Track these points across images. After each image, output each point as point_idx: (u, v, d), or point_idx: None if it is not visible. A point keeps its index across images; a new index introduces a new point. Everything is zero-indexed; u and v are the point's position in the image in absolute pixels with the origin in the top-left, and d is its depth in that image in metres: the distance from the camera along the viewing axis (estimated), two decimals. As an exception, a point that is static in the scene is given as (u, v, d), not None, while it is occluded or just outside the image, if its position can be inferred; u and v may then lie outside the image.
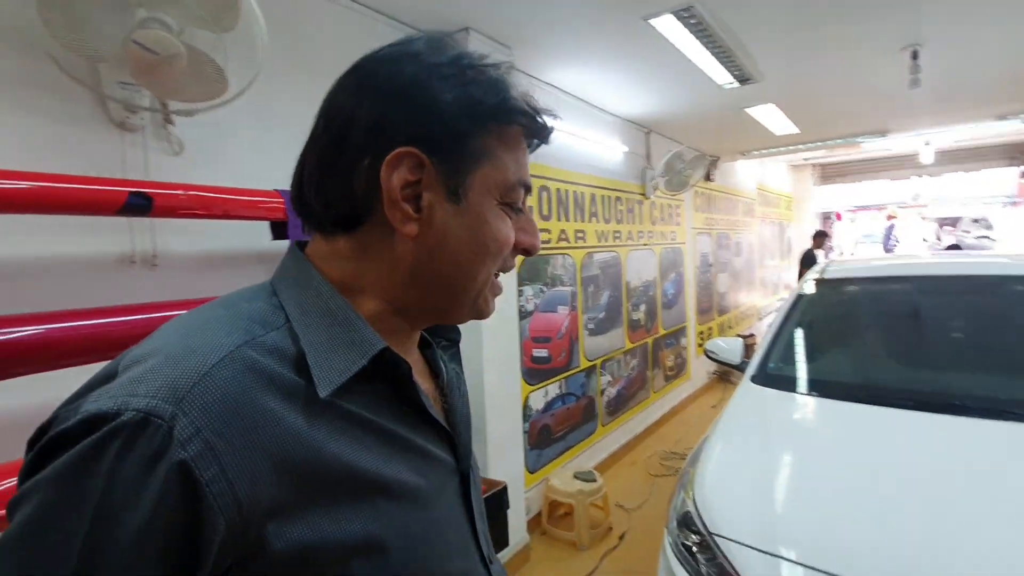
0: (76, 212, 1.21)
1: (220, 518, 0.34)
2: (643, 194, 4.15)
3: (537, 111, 0.49)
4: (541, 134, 0.51)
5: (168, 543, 0.33)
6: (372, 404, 0.45)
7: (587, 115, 3.37)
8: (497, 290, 0.53)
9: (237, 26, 1.25)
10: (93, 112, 1.36)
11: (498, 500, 2.18)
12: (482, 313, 0.52)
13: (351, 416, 0.43)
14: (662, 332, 4.45)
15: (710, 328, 5.48)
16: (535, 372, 2.91)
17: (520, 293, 2.76)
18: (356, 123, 0.44)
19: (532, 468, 2.86)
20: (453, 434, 0.53)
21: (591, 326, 3.45)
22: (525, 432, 2.80)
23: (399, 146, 0.43)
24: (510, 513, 2.29)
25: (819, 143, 5.07)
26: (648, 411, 4.21)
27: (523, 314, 2.80)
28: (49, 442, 0.34)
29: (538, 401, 2.93)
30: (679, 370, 4.82)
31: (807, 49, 2.66)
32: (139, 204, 1.25)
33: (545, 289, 2.99)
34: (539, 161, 2.94)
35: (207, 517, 0.33)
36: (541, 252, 2.89)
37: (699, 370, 5.19)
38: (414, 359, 0.55)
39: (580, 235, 3.32)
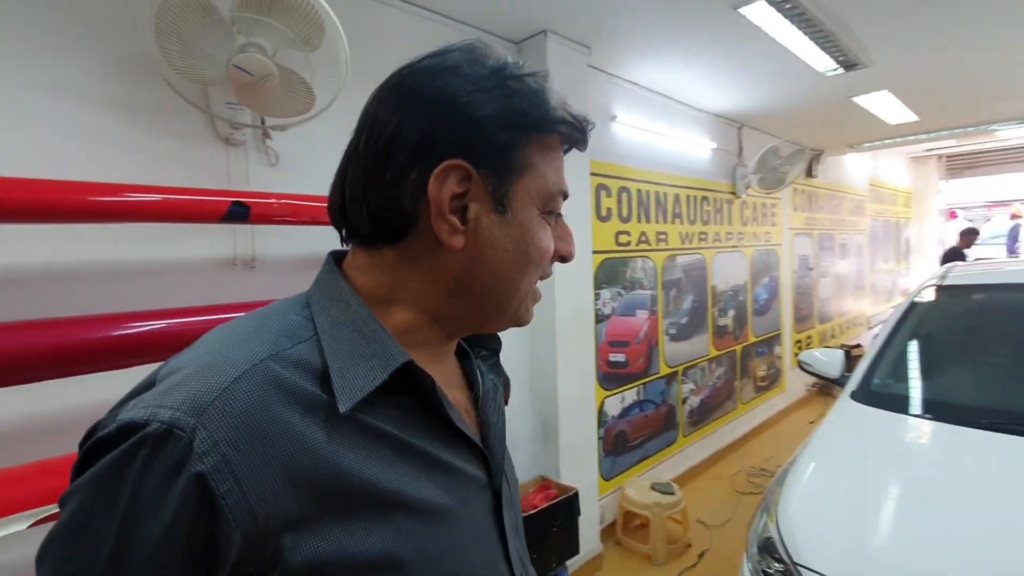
0: (189, 220, 1.36)
1: (236, 530, 0.35)
2: (733, 193, 3.92)
3: (576, 119, 0.49)
4: (579, 141, 0.51)
5: (187, 552, 0.34)
6: (397, 418, 0.44)
7: (671, 112, 3.23)
8: (537, 297, 0.53)
9: (323, 44, 1.33)
10: (204, 130, 1.52)
11: (568, 506, 2.15)
12: (522, 321, 0.52)
13: (373, 431, 0.43)
14: (752, 340, 4.17)
15: (809, 337, 5.06)
16: (611, 377, 2.84)
17: (597, 296, 2.71)
18: (402, 137, 0.44)
19: (607, 475, 2.80)
20: (485, 449, 0.52)
21: (672, 331, 3.31)
22: (600, 438, 2.75)
23: (446, 159, 0.44)
24: (581, 520, 2.26)
25: (944, 132, 4.50)
26: (735, 423, 3.97)
27: (600, 317, 2.75)
28: (92, 446, 0.37)
29: (614, 407, 2.86)
30: (772, 381, 4.49)
31: (928, 29, 2.36)
32: (238, 212, 1.38)
33: (623, 292, 2.91)
34: (619, 162, 2.87)
35: (223, 529, 0.34)
36: (620, 255, 2.82)
37: (796, 382, 4.80)
38: (449, 369, 0.55)
39: (662, 237, 3.20)
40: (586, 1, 2.00)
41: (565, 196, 0.51)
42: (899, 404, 1.79)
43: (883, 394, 1.87)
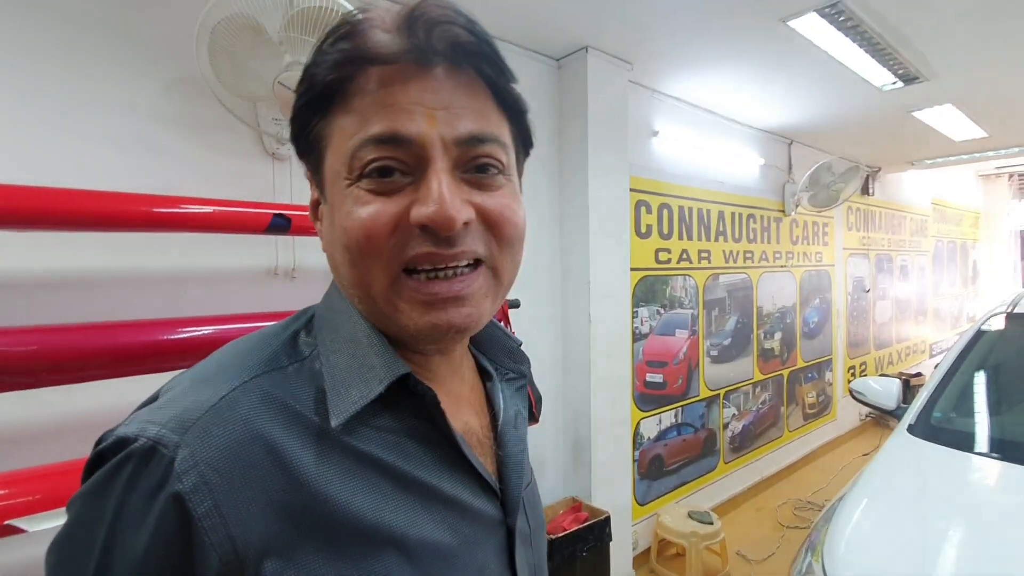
0: (235, 231, 1.41)
1: (213, 553, 0.33)
2: (782, 211, 3.78)
3: (362, 28, 0.38)
4: (377, 49, 0.37)
5: (165, 572, 0.33)
6: (398, 445, 0.41)
7: (716, 127, 3.16)
8: (416, 295, 0.39)
9: (365, 62, 1.37)
10: (252, 146, 1.59)
11: (600, 531, 2.09)
12: (406, 328, 0.40)
13: (368, 458, 0.39)
14: (801, 364, 3.98)
15: (863, 363, 4.78)
16: (648, 398, 2.76)
17: (635, 314, 2.65)
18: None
19: (641, 500, 2.71)
20: (501, 482, 0.47)
21: (714, 353, 3.19)
22: (635, 460, 2.66)
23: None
24: (613, 545, 2.18)
25: (1015, 148, 4.21)
26: (781, 452, 3.77)
27: (637, 336, 2.68)
28: (94, 457, 0.36)
29: (650, 429, 2.77)
30: (822, 409, 4.26)
31: (995, 39, 2.22)
32: (280, 224, 1.42)
33: (662, 311, 2.84)
34: (659, 178, 2.81)
35: (200, 552, 0.33)
36: (659, 272, 2.75)
37: (848, 410, 4.54)
38: (462, 390, 0.50)
39: (704, 255, 3.10)
40: (628, 17, 1.99)
41: (389, 139, 0.37)
42: (962, 441, 1.65)
43: (944, 429, 1.73)
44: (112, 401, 1.30)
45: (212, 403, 0.36)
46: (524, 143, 0.47)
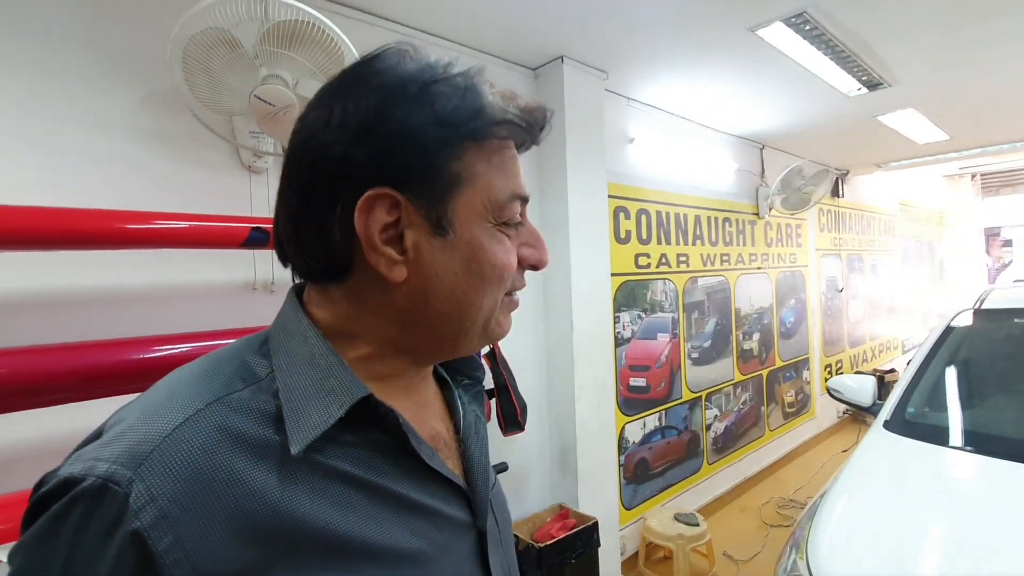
0: (212, 246, 1.39)
1: None
2: (756, 214, 3.86)
3: (521, 114, 0.44)
4: (529, 137, 0.46)
5: None
6: (364, 458, 0.41)
7: (690, 133, 3.22)
8: (512, 306, 0.49)
9: (342, 75, 1.37)
10: (229, 159, 1.57)
11: (587, 537, 2.09)
12: (494, 337, 0.48)
13: (335, 473, 0.39)
14: (779, 364, 4.05)
15: (839, 361, 4.89)
16: (632, 402, 2.78)
17: (616, 319, 2.68)
18: (321, 168, 0.41)
19: (628, 504, 2.72)
20: (468, 486, 0.48)
21: (695, 355, 3.24)
22: (620, 465, 2.68)
23: (369, 187, 0.40)
24: (601, 551, 2.19)
25: (976, 150, 4.37)
26: (763, 451, 3.83)
27: (619, 341, 2.70)
28: (36, 501, 0.35)
29: (635, 433, 2.79)
30: (801, 407, 4.34)
31: (952, 47, 2.32)
32: (258, 238, 1.40)
33: (643, 315, 2.87)
34: (637, 184, 2.86)
35: None
36: (639, 277, 2.79)
37: (827, 407, 4.63)
38: (426, 399, 0.51)
39: (683, 259, 3.15)
40: (602, 27, 2.02)
41: (524, 200, 0.46)
42: (937, 435, 1.70)
43: (919, 424, 1.79)
44: (87, 423, 1.27)
45: (165, 433, 0.35)
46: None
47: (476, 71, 0.43)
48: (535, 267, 0.48)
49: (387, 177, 0.40)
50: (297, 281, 0.48)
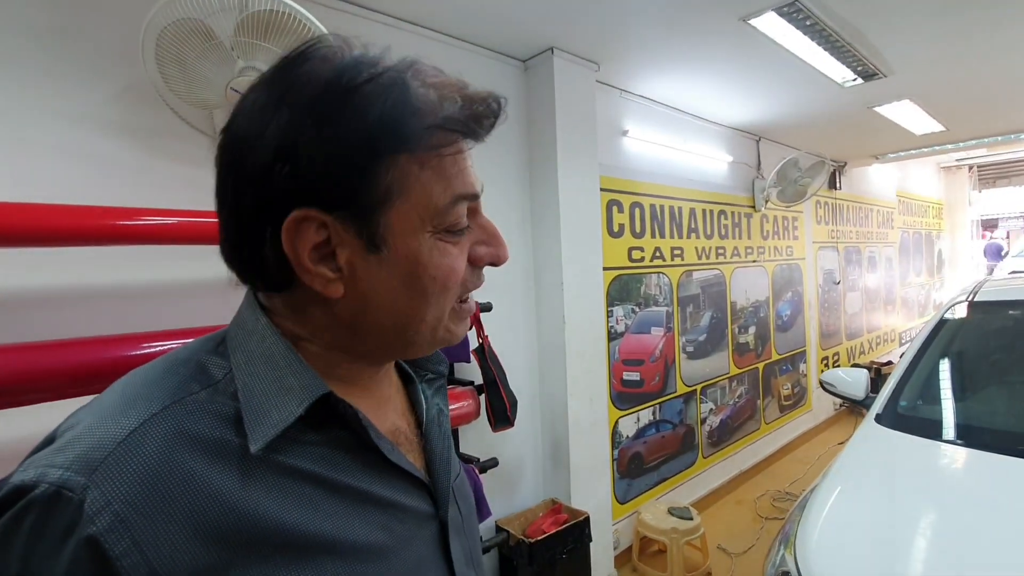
0: (198, 242, 1.36)
1: None
2: (752, 206, 3.83)
3: (464, 106, 0.41)
4: (478, 127, 0.42)
5: None
6: (326, 456, 0.41)
7: (684, 125, 3.19)
8: (464, 314, 0.47)
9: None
10: (209, 153, 1.54)
11: (579, 532, 2.08)
12: (446, 343, 0.47)
13: (296, 472, 0.39)
14: (776, 357, 4.04)
15: (836, 354, 4.88)
16: (626, 396, 2.77)
17: (610, 314, 2.66)
18: (245, 190, 0.39)
19: (622, 499, 2.71)
20: (430, 478, 0.49)
21: (690, 349, 3.22)
22: (614, 460, 2.67)
23: (292, 209, 0.38)
24: (594, 546, 2.18)
25: (972, 141, 4.34)
26: (758, 445, 3.83)
27: (613, 335, 2.69)
28: None
29: (628, 427, 2.78)
30: (797, 400, 4.33)
31: (949, 36, 2.28)
32: (239, 233, 1.38)
33: (637, 309, 2.85)
34: (630, 177, 2.83)
35: None
36: (633, 271, 2.77)
37: (823, 400, 4.63)
38: (386, 396, 0.51)
39: (677, 253, 3.13)
40: (592, 17, 1.99)
41: (472, 198, 0.44)
42: (928, 429, 1.69)
43: (911, 418, 1.77)
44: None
45: (120, 438, 0.34)
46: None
47: (408, 64, 0.40)
48: (493, 264, 0.47)
49: (310, 198, 0.38)
50: None
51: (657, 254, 2.99)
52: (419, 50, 2.15)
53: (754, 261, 3.83)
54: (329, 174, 0.38)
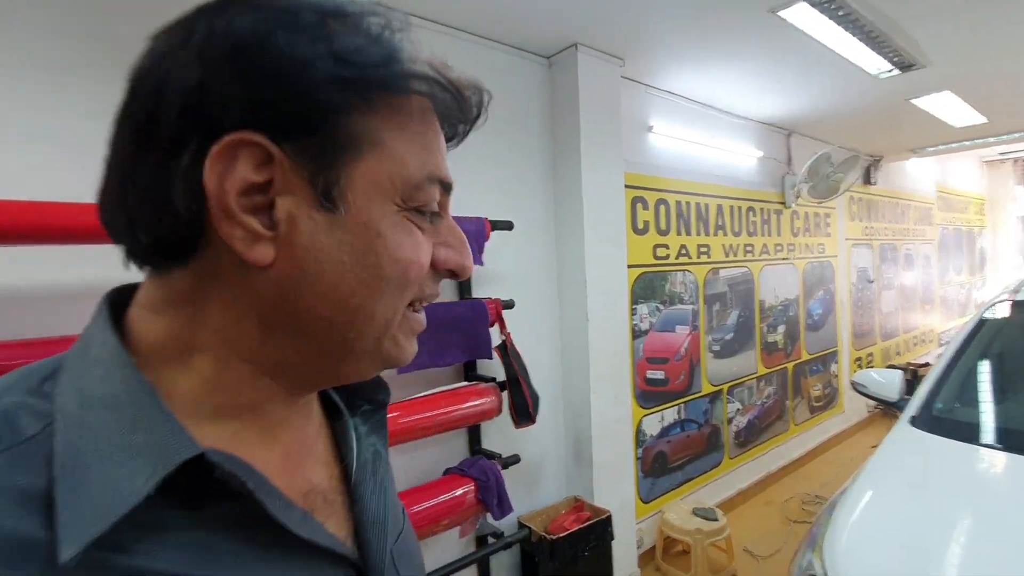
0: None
1: None
2: (783, 203, 3.75)
3: (446, 78, 0.34)
4: (460, 111, 0.36)
5: None
6: (198, 546, 0.29)
7: (712, 120, 3.14)
8: (416, 328, 0.38)
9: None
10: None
11: (601, 530, 2.08)
12: (391, 360, 0.37)
13: None
14: (806, 357, 3.94)
15: (870, 354, 4.74)
16: (649, 395, 2.75)
17: (633, 311, 2.64)
18: (166, 99, 0.29)
19: (645, 498, 2.69)
20: (356, 554, 0.38)
21: (716, 348, 3.17)
22: (638, 458, 2.65)
23: (231, 130, 0.28)
24: (616, 544, 2.17)
25: (1016, 134, 4.15)
26: (787, 446, 3.74)
27: (636, 333, 2.66)
28: None
29: (652, 426, 2.76)
30: (829, 401, 4.22)
31: (991, 22, 2.19)
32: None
33: (662, 307, 2.82)
34: (655, 174, 2.80)
35: None
36: (657, 268, 2.74)
37: (856, 402, 4.49)
38: (299, 440, 0.39)
39: (703, 250, 3.08)
40: (617, 13, 1.97)
41: (446, 187, 0.36)
42: (966, 432, 1.63)
43: (947, 420, 1.71)
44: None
45: None
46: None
47: (399, 19, 0.33)
48: (455, 274, 0.38)
49: (259, 119, 0.29)
50: (120, 285, 0.35)
51: (683, 251, 2.95)
52: (440, 48, 2.16)
53: (784, 259, 3.75)
54: (289, 94, 0.29)
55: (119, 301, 0.34)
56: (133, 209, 0.30)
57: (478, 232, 1.84)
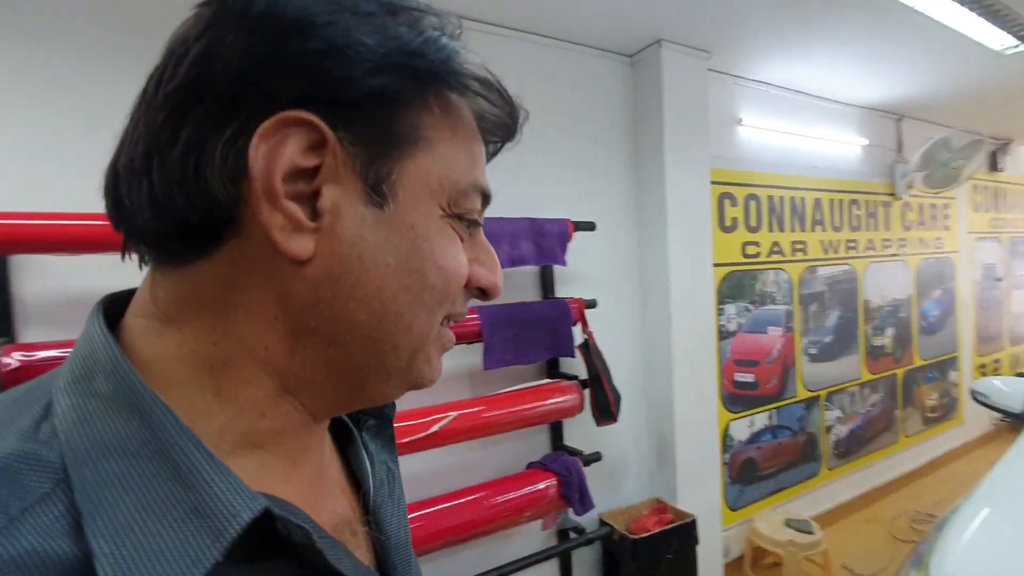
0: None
1: None
2: (892, 194, 3.44)
3: (500, 87, 0.33)
4: (505, 126, 0.35)
5: None
6: None
7: (808, 109, 2.95)
8: (447, 343, 0.35)
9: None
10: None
11: (685, 533, 2.05)
12: (419, 380, 0.34)
13: None
14: (918, 363, 3.60)
15: (996, 361, 4.22)
16: (738, 398, 2.65)
17: (720, 312, 2.56)
18: (215, 67, 0.26)
19: (733, 505, 2.60)
20: None
21: (813, 351, 2.99)
22: (725, 463, 2.57)
23: (284, 108, 0.26)
24: (701, 550, 2.13)
25: None
26: (896, 459, 3.44)
27: (723, 334, 2.58)
28: None
29: (741, 431, 2.65)
30: (946, 412, 3.82)
31: None
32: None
33: (751, 308, 2.70)
34: (745, 169, 2.69)
35: None
36: (747, 267, 2.64)
37: (978, 414, 4.01)
38: (320, 468, 0.36)
39: (799, 247, 2.92)
40: (702, 5, 1.93)
41: (486, 199, 0.35)
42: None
43: (1090, 437, 1.52)
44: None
45: None
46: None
47: (453, 24, 0.32)
48: (486, 292, 0.35)
49: (316, 99, 0.27)
50: (114, 292, 0.32)
51: (775, 249, 2.81)
52: (520, 55, 2.20)
53: (893, 255, 3.44)
54: (354, 75, 0.27)
55: (111, 312, 0.30)
56: (157, 184, 0.27)
57: (561, 233, 1.89)
